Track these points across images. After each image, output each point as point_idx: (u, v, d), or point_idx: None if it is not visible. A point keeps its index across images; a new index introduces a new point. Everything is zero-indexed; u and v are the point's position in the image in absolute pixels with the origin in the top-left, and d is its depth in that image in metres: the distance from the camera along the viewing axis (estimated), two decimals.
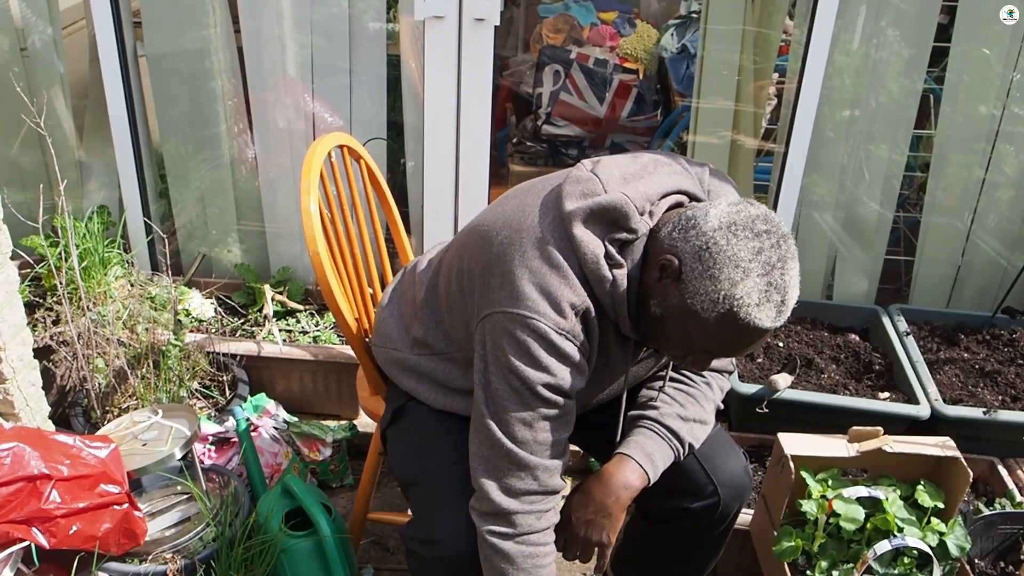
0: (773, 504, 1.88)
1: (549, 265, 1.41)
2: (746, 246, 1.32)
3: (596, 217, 1.41)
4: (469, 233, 1.58)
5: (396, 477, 1.74)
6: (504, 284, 1.43)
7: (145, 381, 2.32)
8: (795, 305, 1.37)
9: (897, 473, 1.88)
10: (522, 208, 1.49)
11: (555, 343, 1.41)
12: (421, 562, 1.57)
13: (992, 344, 2.66)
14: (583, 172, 1.46)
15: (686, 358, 1.47)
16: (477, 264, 1.50)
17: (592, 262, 1.40)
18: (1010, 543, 1.97)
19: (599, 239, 1.41)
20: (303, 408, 2.64)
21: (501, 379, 1.44)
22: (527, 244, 1.43)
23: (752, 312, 1.32)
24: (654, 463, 1.60)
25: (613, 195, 1.41)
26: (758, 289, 1.32)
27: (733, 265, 1.32)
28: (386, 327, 1.77)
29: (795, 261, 1.35)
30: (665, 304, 1.39)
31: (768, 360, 2.53)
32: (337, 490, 2.52)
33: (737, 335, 1.35)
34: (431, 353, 1.68)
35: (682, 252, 1.36)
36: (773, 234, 1.33)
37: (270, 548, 1.91)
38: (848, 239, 2.88)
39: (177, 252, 2.95)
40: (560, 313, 1.40)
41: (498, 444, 1.46)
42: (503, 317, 1.42)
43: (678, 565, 1.82)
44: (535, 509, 1.49)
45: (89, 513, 1.76)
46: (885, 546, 1.71)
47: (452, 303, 1.59)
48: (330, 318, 2.78)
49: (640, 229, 1.41)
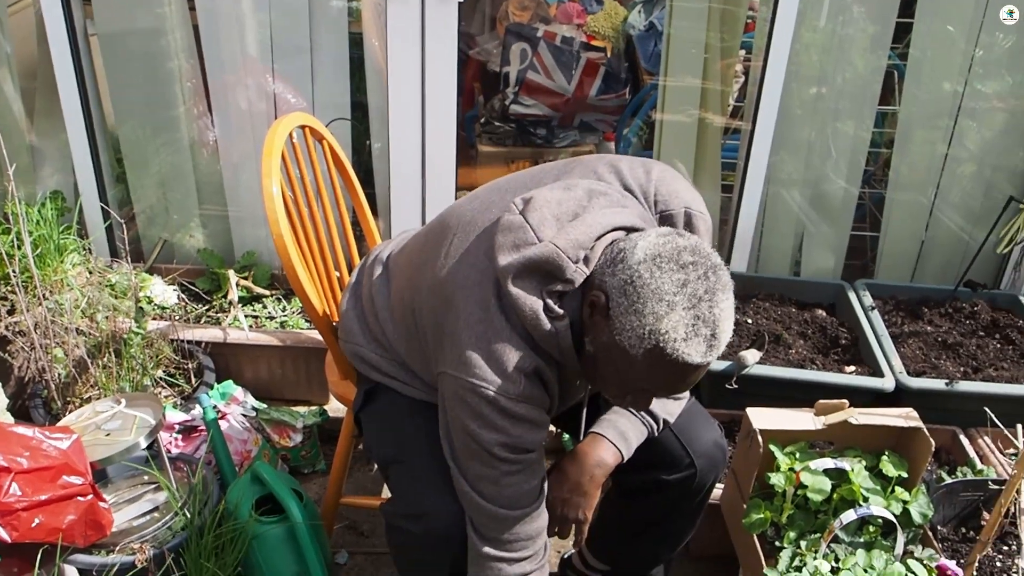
0: (742, 478, 1.89)
1: (492, 329, 1.37)
2: (670, 279, 1.26)
3: (529, 271, 1.35)
4: (419, 269, 1.53)
5: (374, 458, 1.73)
6: (453, 347, 1.40)
7: (107, 370, 2.28)
8: (730, 335, 1.31)
9: (862, 444, 1.90)
10: (465, 257, 1.44)
11: (506, 408, 1.38)
12: (408, 537, 1.56)
13: (954, 317, 2.69)
14: (514, 218, 1.38)
15: (625, 398, 1.43)
16: (429, 317, 1.48)
17: (532, 319, 1.35)
18: (971, 509, 2.01)
19: (536, 293, 1.35)
20: (272, 394, 2.62)
21: (460, 440, 1.44)
22: (471, 305, 1.39)
23: (680, 347, 1.26)
24: (627, 441, 1.62)
25: (544, 248, 1.33)
26: (684, 323, 1.26)
27: (657, 299, 1.26)
28: (348, 321, 1.74)
29: (727, 292, 1.29)
30: (596, 342, 1.35)
31: (737, 336, 2.54)
32: (309, 476, 2.51)
33: (668, 372, 1.30)
34: (393, 359, 1.66)
35: (609, 287, 1.31)
36: (700, 265, 1.28)
37: (241, 535, 1.89)
38: (815, 215, 2.90)
39: (137, 238, 2.89)
40: (508, 379, 1.37)
41: (467, 496, 1.47)
42: (454, 382, 1.40)
43: (654, 538, 1.84)
44: (508, 555, 1.49)
45: (52, 505, 1.73)
46: (851, 515, 1.73)
47: (409, 335, 1.58)
48: (297, 303, 2.75)
49: (576, 279, 1.35)
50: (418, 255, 1.56)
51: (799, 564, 1.71)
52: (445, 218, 1.54)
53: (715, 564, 2.21)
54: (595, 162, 1.50)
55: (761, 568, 1.71)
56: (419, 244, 1.59)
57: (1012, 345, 2.57)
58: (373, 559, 2.24)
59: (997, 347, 2.56)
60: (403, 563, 1.70)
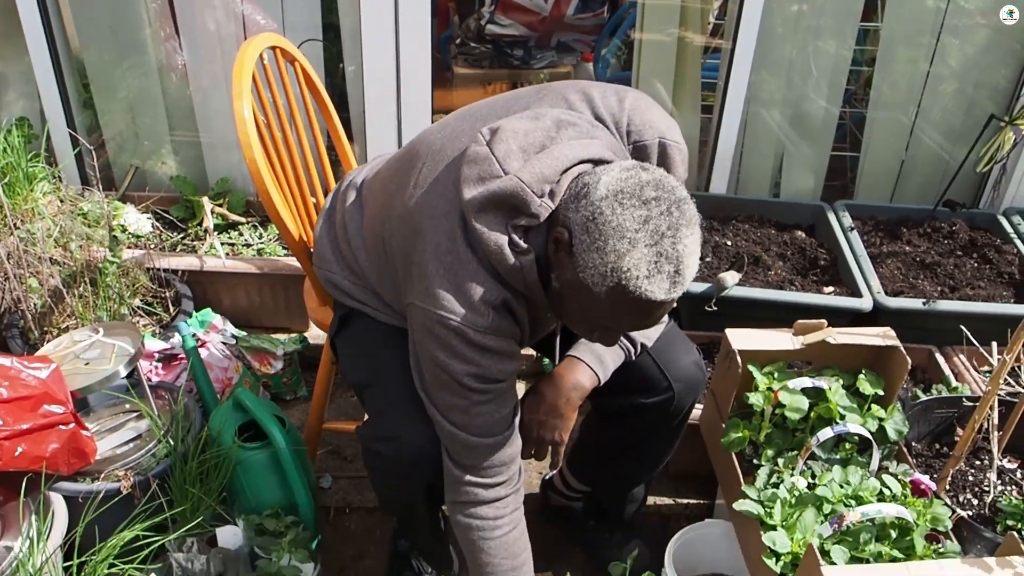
0: (721, 398, 1.92)
1: (459, 261, 1.36)
2: (632, 215, 1.24)
3: (494, 205, 1.33)
4: (390, 198, 1.51)
5: (349, 382, 1.73)
6: (421, 279, 1.39)
7: (83, 300, 2.26)
8: (696, 271, 1.29)
9: (840, 364, 1.92)
10: (433, 186, 1.41)
11: (474, 340, 1.37)
12: (382, 460, 1.58)
13: (933, 237, 2.71)
14: (480, 149, 1.35)
15: (592, 334, 1.43)
16: (398, 246, 1.46)
17: (496, 254, 1.34)
18: (945, 426, 2.05)
19: (500, 228, 1.33)
20: (251, 322, 2.61)
21: (430, 371, 1.44)
22: (439, 236, 1.37)
23: (642, 284, 1.25)
24: (604, 364, 1.62)
25: (508, 181, 1.31)
26: (646, 260, 1.24)
27: (618, 236, 1.24)
28: (322, 247, 1.72)
29: (692, 227, 1.27)
30: (561, 279, 1.34)
31: (716, 258, 2.55)
32: (291, 402, 2.52)
33: (632, 309, 1.29)
34: (365, 286, 1.65)
35: (572, 224, 1.29)
36: (663, 200, 1.25)
37: (225, 461, 1.90)
38: (795, 136, 2.88)
39: (108, 165, 2.84)
40: (476, 312, 1.36)
41: (440, 425, 1.48)
42: (422, 313, 1.39)
43: (633, 460, 1.86)
44: (482, 481, 1.50)
45: (34, 434, 1.73)
46: (828, 433, 1.76)
47: (380, 264, 1.57)
48: (274, 230, 2.72)
49: (541, 214, 1.33)
50: (389, 183, 1.53)
51: (776, 481, 1.75)
52: (416, 145, 1.52)
53: (694, 483, 2.26)
54: (567, 89, 1.46)
55: (739, 486, 1.75)
56: (390, 172, 1.56)
57: (989, 264, 2.59)
58: (356, 483, 2.27)
59: (974, 266, 2.59)
60: (379, 485, 1.72)
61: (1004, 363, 1.66)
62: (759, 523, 1.66)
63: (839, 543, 1.58)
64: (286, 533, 1.88)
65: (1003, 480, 1.90)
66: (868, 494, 1.67)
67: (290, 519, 1.91)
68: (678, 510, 2.24)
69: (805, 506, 1.65)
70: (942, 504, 1.65)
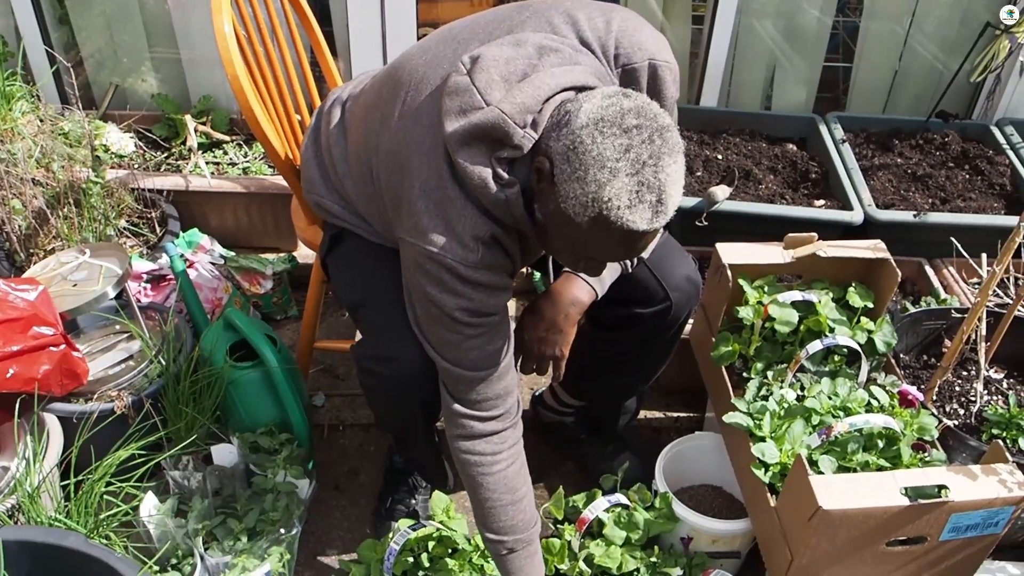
0: (711, 312, 1.92)
1: (447, 197, 1.34)
2: (612, 144, 1.21)
3: (476, 138, 1.30)
4: (375, 127, 1.47)
5: (342, 302, 1.73)
6: (409, 214, 1.37)
7: (68, 221, 2.23)
8: (679, 200, 1.26)
9: (830, 277, 1.92)
10: (417, 118, 1.38)
11: (465, 276, 1.36)
12: (378, 380, 1.59)
13: (925, 148, 2.69)
14: (461, 80, 1.31)
15: (577, 264, 1.42)
16: (386, 181, 1.44)
17: (480, 187, 1.31)
18: (933, 338, 2.07)
19: (484, 160, 1.31)
20: (239, 242, 2.59)
21: (422, 306, 1.44)
22: (425, 171, 1.35)
23: (624, 215, 1.22)
24: (600, 278, 1.63)
25: (489, 113, 1.28)
26: (628, 190, 1.21)
27: (599, 166, 1.21)
28: (309, 170, 1.69)
29: (675, 155, 1.24)
30: (544, 210, 1.32)
31: (707, 172, 2.53)
32: (282, 322, 2.52)
33: (615, 239, 1.26)
34: (354, 211, 1.63)
35: (553, 153, 1.26)
36: (645, 128, 1.22)
37: (217, 381, 1.91)
38: (787, 48, 2.83)
39: (87, 84, 2.77)
40: (465, 247, 1.34)
41: (435, 359, 1.48)
42: (412, 249, 1.37)
43: (628, 372, 1.88)
44: (478, 414, 1.51)
45: (24, 356, 1.73)
46: (817, 345, 1.77)
47: (368, 195, 1.54)
48: (259, 148, 2.68)
49: (524, 144, 1.30)
50: (373, 111, 1.50)
51: (766, 394, 1.76)
52: (398, 71, 1.47)
53: (684, 397, 2.29)
54: (551, 11, 1.41)
55: (729, 399, 1.77)
56: (374, 96, 1.52)
57: (981, 176, 2.58)
58: (349, 400, 2.29)
59: (966, 178, 2.58)
60: (376, 404, 1.73)
61: (993, 274, 1.67)
62: (748, 435, 1.69)
63: (827, 453, 1.61)
64: (280, 450, 1.90)
65: (989, 390, 1.93)
66: (856, 405, 1.69)
67: (284, 436, 1.93)
68: (668, 423, 2.28)
69: (794, 418, 1.67)
70: (929, 414, 1.67)
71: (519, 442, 1.58)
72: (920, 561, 1.58)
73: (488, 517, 1.57)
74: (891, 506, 1.46)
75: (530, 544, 1.61)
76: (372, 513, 2.03)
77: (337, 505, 2.07)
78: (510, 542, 1.59)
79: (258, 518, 1.78)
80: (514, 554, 1.60)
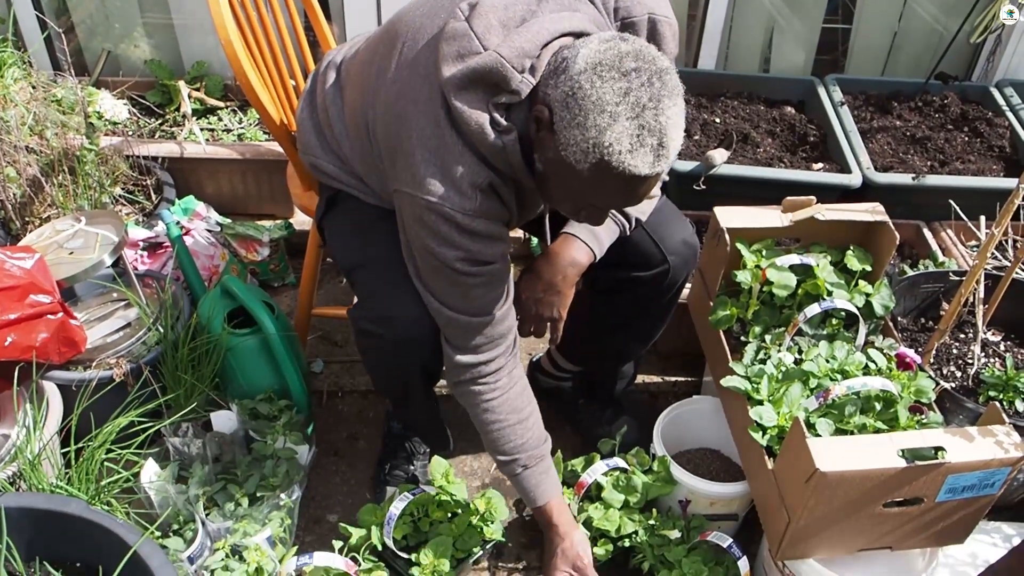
0: (709, 276, 1.92)
1: (444, 145, 1.33)
2: (611, 88, 1.20)
3: (473, 83, 1.29)
4: (371, 80, 1.46)
5: (339, 264, 1.74)
6: (406, 165, 1.36)
7: (63, 189, 2.22)
8: (680, 143, 1.26)
9: (828, 240, 1.92)
10: (414, 68, 1.37)
11: (463, 225, 1.36)
12: (374, 341, 1.59)
13: (924, 111, 2.67)
14: (459, 25, 1.30)
15: (579, 214, 1.41)
16: (382, 132, 1.43)
17: (477, 133, 1.31)
18: (931, 301, 2.07)
19: (482, 106, 1.30)
20: (235, 209, 2.58)
21: (423, 258, 1.44)
22: (423, 120, 1.34)
23: (626, 159, 1.22)
24: (599, 240, 1.62)
25: (487, 57, 1.27)
26: (628, 134, 1.20)
27: (599, 110, 1.20)
28: (305, 132, 1.68)
29: (675, 98, 1.22)
30: (544, 159, 1.31)
31: (704, 136, 2.51)
32: (280, 289, 2.52)
33: (617, 185, 1.26)
34: (350, 172, 1.63)
35: (552, 100, 1.25)
36: (644, 71, 1.20)
37: (216, 348, 1.91)
38: (786, 9, 2.80)
39: (79, 50, 2.74)
40: (463, 195, 1.34)
41: (437, 311, 1.49)
42: (410, 200, 1.37)
43: (626, 336, 1.89)
44: (481, 359, 1.54)
45: (22, 324, 1.72)
46: (815, 309, 1.77)
47: (364, 152, 1.54)
48: (254, 114, 2.66)
49: (522, 90, 1.29)
50: (369, 66, 1.49)
51: (763, 357, 1.77)
52: (395, 24, 1.46)
53: (682, 361, 2.29)
54: None
55: (727, 362, 1.77)
56: (370, 52, 1.51)
57: (980, 138, 2.56)
58: (348, 366, 2.29)
59: (965, 140, 2.56)
60: (373, 366, 1.74)
61: (992, 236, 1.66)
62: (746, 398, 1.69)
63: (824, 416, 1.61)
64: (280, 416, 1.91)
65: (986, 352, 1.94)
66: (854, 368, 1.70)
67: (283, 403, 1.94)
68: (666, 388, 2.29)
69: (791, 381, 1.68)
70: (926, 376, 1.68)
71: (519, 367, 1.62)
72: (916, 522, 1.59)
73: (498, 441, 1.62)
74: (888, 468, 1.47)
75: (543, 460, 1.67)
76: (371, 479, 2.05)
77: (337, 470, 2.08)
78: (523, 459, 1.64)
79: (258, 484, 1.79)
80: (528, 471, 1.65)
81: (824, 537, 1.59)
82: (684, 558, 1.77)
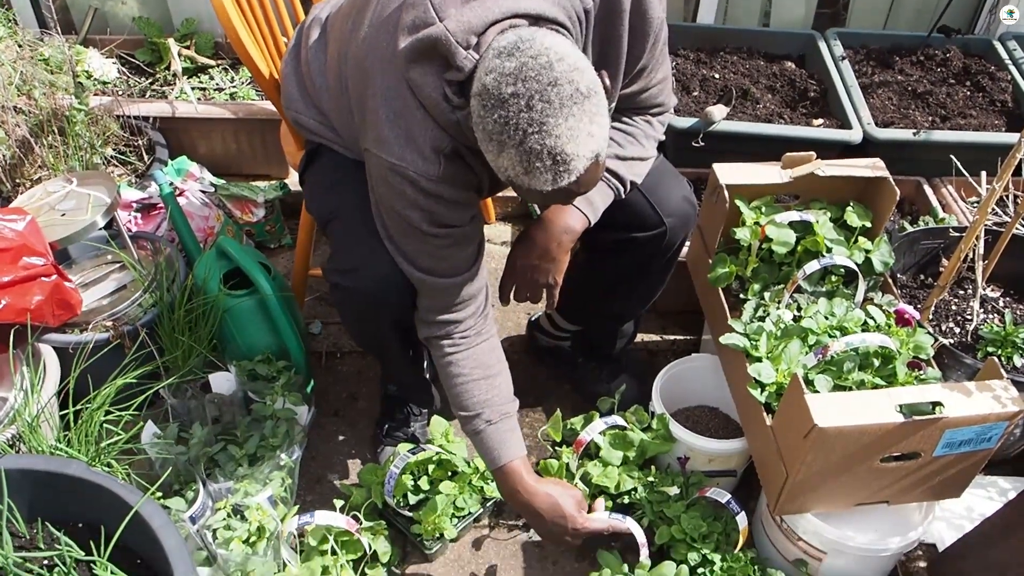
0: (708, 233, 1.91)
1: (408, 108, 1.32)
2: (492, 119, 1.18)
3: (424, 55, 1.27)
4: (347, 36, 1.45)
5: (315, 217, 1.73)
6: (373, 122, 1.35)
7: (53, 150, 2.19)
8: (593, 149, 1.20)
9: (828, 196, 1.90)
10: (384, 27, 1.34)
11: (427, 189, 1.35)
12: (345, 293, 1.59)
13: (926, 65, 2.64)
14: None
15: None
16: (354, 89, 1.42)
17: (433, 107, 1.30)
18: (930, 257, 2.06)
19: (435, 80, 1.28)
20: (230, 170, 2.55)
21: (391, 218, 1.44)
22: (387, 80, 1.33)
23: (524, 181, 1.20)
24: (593, 205, 1.60)
25: (435, 30, 1.24)
26: (517, 160, 1.18)
27: (487, 139, 1.20)
28: (288, 85, 1.67)
29: (567, 109, 1.16)
30: None
31: (703, 92, 2.48)
32: (276, 250, 2.50)
33: (535, 196, 1.25)
34: (330, 126, 1.62)
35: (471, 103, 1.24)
36: (522, 95, 1.15)
37: (212, 309, 1.90)
38: None
39: (65, 7, 2.69)
40: (425, 159, 1.33)
41: (410, 273, 1.49)
42: (377, 160, 1.37)
43: (624, 296, 1.88)
44: (452, 317, 1.53)
45: (16, 287, 1.71)
46: (814, 265, 1.76)
47: (341, 108, 1.52)
48: (246, 73, 2.62)
49: (465, 66, 1.25)
50: (347, 19, 1.48)
51: (762, 315, 1.76)
52: None
53: (681, 319, 2.29)
54: None
55: (726, 320, 1.76)
56: (349, 7, 1.50)
57: (982, 92, 2.54)
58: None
59: (967, 95, 2.53)
60: (346, 319, 1.75)
61: (993, 191, 1.65)
62: (745, 355, 1.69)
63: (823, 373, 1.61)
64: (278, 377, 1.90)
65: (985, 309, 1.93)
66: (853, 325, 1.69)
67: (281, 364, 1.93)
68: (665, 346, 2.28)
69: (790, 338, 1.67)
70: (925, 332, 1.67)
71: (489, 327, 1.60)
72: (913, 476, 1.60)
73: (461, 396, 1.58)
74: (886, 423, 1.47)
75: (508, 417, 1.60)
76: (371, 438, 2.05)
77: (337, 430, 2.08)
78: (486, 414, 1.57)
79: (258, 444, 1.80)
80: (492, 426, 1.57)
81: (822, 492, 1.60)
82: (683, 514, 1.78)
